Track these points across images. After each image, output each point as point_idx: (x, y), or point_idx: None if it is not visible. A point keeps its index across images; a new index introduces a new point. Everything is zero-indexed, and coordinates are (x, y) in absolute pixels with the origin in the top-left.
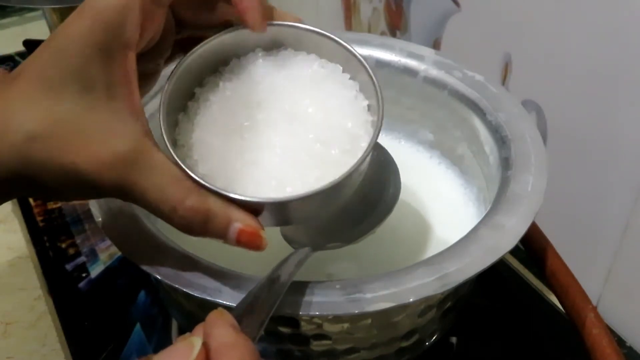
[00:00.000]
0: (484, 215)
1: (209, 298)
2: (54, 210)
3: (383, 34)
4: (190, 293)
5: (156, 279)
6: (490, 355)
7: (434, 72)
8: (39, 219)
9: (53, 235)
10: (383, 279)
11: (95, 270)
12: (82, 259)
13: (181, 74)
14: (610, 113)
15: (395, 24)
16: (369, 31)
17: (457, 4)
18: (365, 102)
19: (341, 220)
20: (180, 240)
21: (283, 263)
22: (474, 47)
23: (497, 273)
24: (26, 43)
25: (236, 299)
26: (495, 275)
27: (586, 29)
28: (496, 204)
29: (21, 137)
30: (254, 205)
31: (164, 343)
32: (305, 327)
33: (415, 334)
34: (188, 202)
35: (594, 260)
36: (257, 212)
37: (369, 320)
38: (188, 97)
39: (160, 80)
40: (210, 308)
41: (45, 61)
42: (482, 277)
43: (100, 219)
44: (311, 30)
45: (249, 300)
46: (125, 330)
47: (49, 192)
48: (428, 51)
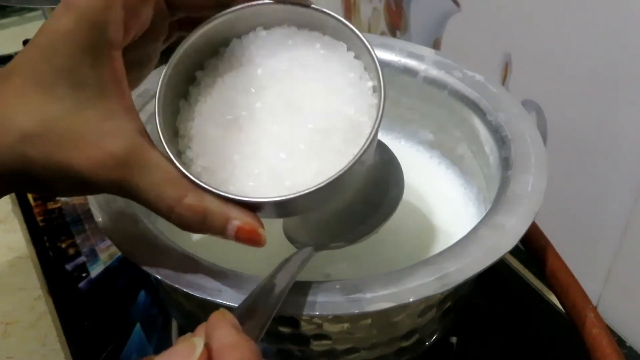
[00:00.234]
0: (484, 215)
1: (209, 298)
2: (54, 210)
3: (383, 34)
4: (190, 293)
5: (156, 279)
6: (490, 355)
7: (434, 72)
8: (39, 219)
9: (53, 235)
10: (383, 279)
11: (95, 270)
12: (82, 259)
13: (179, 60)
14: (610, 113)
15: (395, 24)
16: (369, 31)
17: (457, 4)
18: (370, 83)
19: (344, 220)
20: (180, 240)
21: (285, 263)
22: (474, 47)
23: (497, 273)
24: (26, 43)
25: (236, 299)
26: (495, 275)
27: (586, 29)
28: (496, 204)
29: (16, 136)
30: (252, 204)
31: (164, 343)
32: (305, 327)
33: (415, 334)
34: (185, 201)
35: (594, 260)
36: (256, 209)
37: (369, 320)
38: (189, 81)
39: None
40: (210, 308)
41: (36, 59)
42: (482, 277)
43: (100, 219)
44: (312, 8)
45: (251, 301)
46: (125, 330)
47: (46, 189)
48: (428, 51)
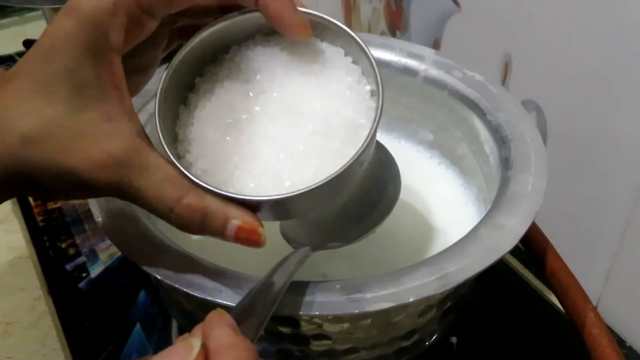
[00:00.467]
0: (484, 215)
1: (209, 298)
2: (54, 210)
3: (383, 34)
4: (190, 293)
5: (156, 279)
6: (490, 355)
7: (434, 72)
8: (39, 219)
9: (53, 235)
10: (383, 279)
11: (95, 270)
12: (82, 259)
13: (178, 66)
14: (610, 113)
15: (395, 24)
16: (369, 31)
17: (457, 4)
18: (368, 87)
19: (341, 220)
20: (181, 240)
21: (282, 263)
22: (474, 47)
23: (497, 273)
24: (26, 43)
25: (236, 299)
26: (495, 275)
27: (586, 29)
28: (496, 204)
29: (16, 138)
30: (252, 203)
31: (164, 343)
32: (305, 327)
33: (415, 334)
34: (185, 201)
35: (594, 260)
36: (255, 209)
37: (369, 320)
38: (189, 88)
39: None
40: (210, 308)
41: (37, 61)
42: (482, 277)
43: (100, 219)
44: (309, 14)
45: (248, 301)
46: (125, 330)
47: (47, 192)
48: (428, 51)
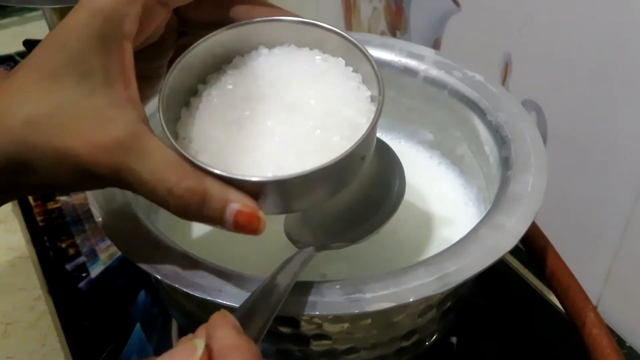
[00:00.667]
0: (484, 215)
1: (209, 298)
2: (54, 210)
3: (383, 34)
4: (190, 293)
5: (156, 279)
6: (490, 355)
7: (434, 72)
8: (39, 219)
9: (53, 235)
10: (383, 279)
11: (95, 270)
12: (82, 259)
13: (182, 67)
14: (610, 113)
15: (395, 24)
16: (369, 31)
17: (457, 4)
18: (368, 93)
19: (345, 220)
20: (181, 240)
21: (286, 264)
22: (474, 47)
23: (497, 273)
24: (26, 43)
25: (236, 299)
26: (495, 275)
27: (586, 29)
28: (496, 204)
29: (18, 122)
30: (252, 186)
31: (164, 343)
32: (305, 327)
33: (415, 334)
34: (185, 183)
35: (594, 260)
36: (256, 195)
37: (369, 320)
38: (191, 94)
39: None
40: (210, 308)
41: (44, 52)
42: (482, 277)
43: (100, 219)
44: (312, 24)
45: (252, 301)
46: (125, 330)
47: (47, 183)
48: (428, 51)
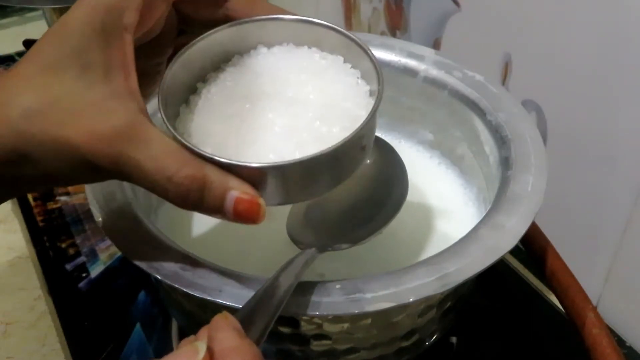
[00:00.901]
0: (484, 215)
1: (209, 298)
2: (54, 210)
3: (383, 34)
4: (190, 293)
5: (156, 279)
6: (490, 355)
7: (434, 72)
8: (39, 219)
9: (53, 235)
10: (383, 279)
11: (95, 270)
12: (82, 259)
13: (182, 63)
14: (610, 113)
15: (395, 24)
16: (369, 31)
17: (457, 4)
18: (367, 87)
19: (348, 221)
20: (181, 240)
21: (288, 265)
22: (474, 47)
23: (497, 273)
24: (26, 43)
25: (236, 299)
26: (495, 275)
27: (586, 29)
28: (496, 204)
29: (18, 113)
30: (252, 172)
31: (164, 343)
32: (305, 327)
33: (415, 334)
34: (185, 171)
35: (594, 260)
36: (256, 183)
37: (369, 320)
38: (190, 92)
39: None
40: (210, 308)
41: (45, 45)
42: (482, 277)
43: (100, 219)
44: (311, 22)
45: (254, 303)
46: (125, 330)
47: (44, 174)
48: (428, 51)
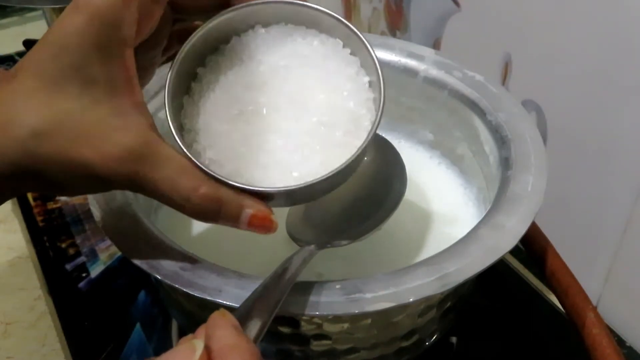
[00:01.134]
0: (484, 215)
1: (209, 298)
2: (54, 210)
3: (383, 34)
4: (190, 293)
5: (156, 279)
6: (490, 355)
7: (434, 72)
8: (39, 219)
9: (53, 235)
10: (383, 279)
11: (95, 270)
12: (82, 259)
13: (184, 60)
14: (610, 113)
15: (395, 24)
16: (369, 31)
17: (457, 4)
18: (367, 79)
19: (347, 218)
20: (181, 240)
21: (287, 262)
22: (474, 47)
23: (497, 273)
24: (26, 43)
25: (236, 299)
26: (495, 275)
27: (586, 29)
28: (496, 204)
29: (26, 133)
30: (264, 194)
31: (164, 343)
32: (305, 327)
33: (415, 334)
34: (201, 191)
35: (594, 260)
36: (267, 199)
37: (369, 320)
38: (191, 78)
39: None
40: (210, 308)
41: (45, 57)
42: (482, 277)
43: (100, 219)
44: (308, 7)
45: (252, 301)
46: (125, 330)
47: (56, 187)
48: (428, 51)
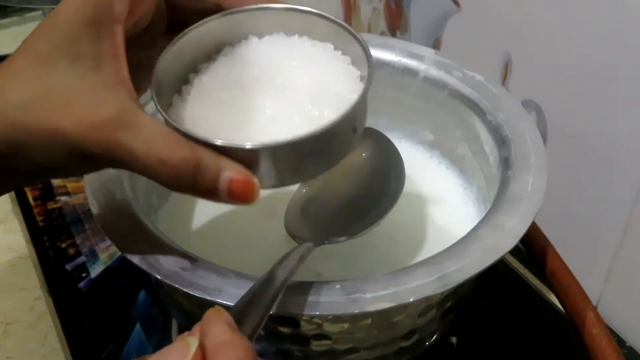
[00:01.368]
0: (484, 215)
1: (209, 298)
2: (54, 210)
3: (383, 34)
4: (190, 293)
5: (156, 279)
6: (490, 355)
7: (434, 72)
8: (39, 219)
9: (53, 235)
10: (383, 279)
11: (95, 270)
12: (82, 259)
13: (174, 52)
14: (610, 113)
15: (395, 24)
16: (369, 31)
17: (457, 4)
18: (358, 73)
19: (345, 214)
20: (181, 239)
21: (284, 259)
22: (474, 47)
23: (497, 273)
24: None
25: (236, 298)
26: (495, 275)
27: (586, 29)
28: (496, 204)
29: (11, 106)
30: (244, 153)
31: (164, 343)
32: (305, 327)
33: (415, 334)
34: (178, 154)
35: (594, 260)
36: (248, 164)
37: (369, 320)
38: (182, 82)
39: None
40: (209, 307)
41: (36, 38)
42: (482, 277)
43: (100, 219)
44: (300, 10)
45: (248, 298)
46: (125, 330)
47: (37, 165)
48: (428, 51)
